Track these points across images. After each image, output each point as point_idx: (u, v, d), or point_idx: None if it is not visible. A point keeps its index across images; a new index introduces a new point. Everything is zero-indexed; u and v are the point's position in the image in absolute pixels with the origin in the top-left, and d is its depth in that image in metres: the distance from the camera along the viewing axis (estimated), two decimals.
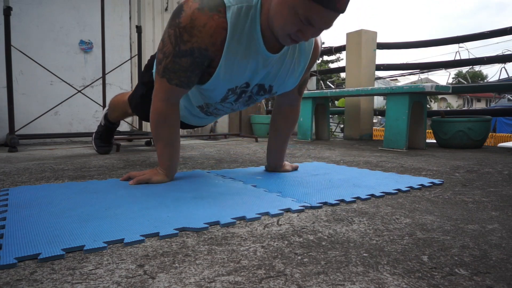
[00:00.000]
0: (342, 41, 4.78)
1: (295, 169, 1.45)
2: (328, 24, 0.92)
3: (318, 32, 0.95)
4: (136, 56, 2.76)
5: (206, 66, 1.05)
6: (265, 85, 1.17)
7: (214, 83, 1.08)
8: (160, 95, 1.08)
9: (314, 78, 4.80)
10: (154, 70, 1.37)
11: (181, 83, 1.05)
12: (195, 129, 3.78)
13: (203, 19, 0.95)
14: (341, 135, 5.07)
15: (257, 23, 0.99)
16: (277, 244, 0.64)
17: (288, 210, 0.85)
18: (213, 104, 1.24)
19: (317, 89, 5.45)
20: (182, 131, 3.60)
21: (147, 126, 3.29)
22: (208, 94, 1.17)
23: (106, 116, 1.92)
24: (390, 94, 2.52)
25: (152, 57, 1.43)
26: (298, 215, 0.82)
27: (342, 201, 0.95)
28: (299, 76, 1.20)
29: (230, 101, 1.22)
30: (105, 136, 1.99)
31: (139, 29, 2.72)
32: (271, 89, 1.20)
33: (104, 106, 2.55)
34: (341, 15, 0.92)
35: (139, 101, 1.49)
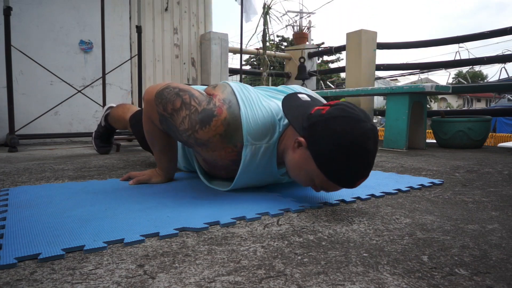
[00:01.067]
0: (342, 41, 4.78)
1: None
2: (339, 190, 0.93)
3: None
4: (136, 56, 2.76)
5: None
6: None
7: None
8: (148, 115, 1.03)
9: (314, 78, 4.80)
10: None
11: (168, 133, 1.02)
12: None
13: (218, 147, 0.92)
14: None
15: (274, 159, 0.97)
16: (277, 244, 0.64)
17: (288, 210, 0.85)
18: None
19: (317, 89, 5.45)
20: None
21: None
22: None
23: (106, 118, 1.91)
24: (390, 94, 2.52)
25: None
26: (298, 215, 0.82)
27: (342, 201, 0.95)
28: None
29: None
30: (105, 137, 1.99)
31: (139, 29, 2.72)
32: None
33: (103, 106, 2.55)
34: (339, 15, 0.91)
35: (138, 133, 1.48)
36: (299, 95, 0.96)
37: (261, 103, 0.95)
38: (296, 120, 0.87)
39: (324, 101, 1.02)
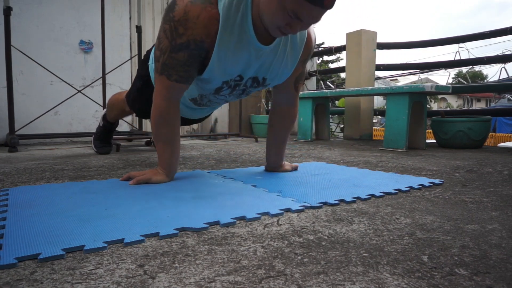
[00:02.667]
0: (342, 41, 4.78)
1: (295, 169, 1.45)
2: (315, 19, 0.94)
3: (306, 26, 0.97)
4: (136, 56, 2.76)
5: (203, 59, 1.05)
6: (258, 78, 1.18)
7: (209, 75, 1.09)
8: (161, 93, 1.08)
9: (314, 78, 4.80)
10: (150, 63, 1.37)
11: (181, 78, 1.06)
12: (195, 128, 3.79)
13: (197, 11, 0.97)
14: (341, 135, 5.07)
15: (248, 16, 1.01)
16: (277, 244, 0.64)
17: (288, 210, 0.85)
18: (207, 95, 1.25)
19: (317, 89, 5.45)
20: (182, 131, 3.60)
21: (147, 126, 3.30)
22: (203, 85, 1.18)
23: (104, 117, 1.92)
24: (390, 94, 2.52)
25: (148, 52, 1.43)
26: (298, 215, 0.82)
27: (342, 201, 0.95)
28: (292, 68, 1.21)
29: (224, 94, 1.23)
30: (104, 137, 1.99)
31: (139, 29, 2.72)
32: (264, 81, 1.21)
33: (104, 106, 2.55)
34: (339, 15, 0.94)
35: (136, 95, 1.49)
36: None
37: None
38: None
39: None
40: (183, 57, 1.02)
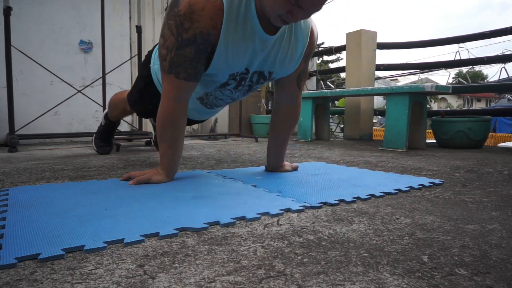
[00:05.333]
0: (342, 41, 4.78)
1: (295, 169, 1.44)
2: (316, 7, 0.94)
3: (308, 15, 0.97)
4: (136, 56, 2.76)
5: (209, 53, 1.05)
6: (264, 72, 1.18)
7: (215, 69, 1.09)
8: (169, 93, 1.08)
9: (314, 78, 4.80)
10: (152, 65, 1.37)
11: (189, 76, 1.05)
12: (195, 128, 3.79)
13: (201, 3, 0.97)
14: (341, 135, 5.07)
15: (252, 5, 1.01)
16: (277, 244, 0.64)
17: (288, 210, 0.85)
18: (212, 93, 1.24)
19: (317, 89, 5.45)
20: None
21: (147, 126, 3.30)
22: (209, 81, 1.17)
23: (106, 116, 1.92)
24: (390, 94, 2.52)
25: (149, 53, 1.43)
26: (298, 215, 0.82)
27: (342, 201, 0.95)
28: (299, 59, 1.21)
29: (230, 88, 1.22)
30: (105, 136, 1.99)
31: (139, 29, 2.72)
32: (270, 75, 1.20)
33: (104, 106, 2.55)
34: (339, 15, 0.94)
35: (137, 95, 1.49)
36: None
37: None
38: None
39: None
40: (190, 53, 1.01)
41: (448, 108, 16.25)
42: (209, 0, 0.97)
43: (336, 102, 5.78)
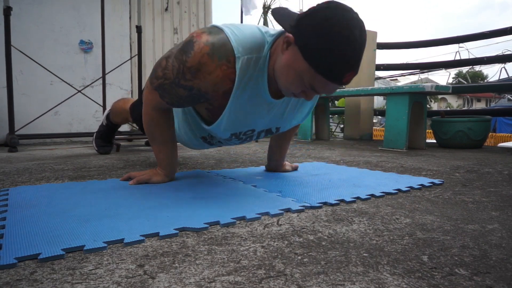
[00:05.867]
0: None
1: (295, 169, 1.44)
2: (331, 92, 0.90)
3: (320, 94, 0.94)
4: (136, 56, 2.76)
5: (201, 102, 1.01)
6: (271, 129, 1.16)
7: (217, 128, 1.05)
8: (151, 103, 1.05)
9: None
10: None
11: (172, 104, 1.02)
12: None
13: (211, 67, 0.90)
14: (341, 135, 5.07)
15: (265, 74, 0.96)
16: (277, 244, 0.64)
17: (288, 210, 0.85)
18: (217, 137, 1.19)
19: None
20: None
21: None
22: (211, 132, 1.13)
23: (108, 117, 1.92)
24: (390, 94, 2.52)
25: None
26: (298, 215, 0.82)
27: (342, 201, 0.95)
28: (308, 113, 1.21)
29: (234, 142, 1.20)
30: (106, 136, 1.99)
31: (139, 29, 2.72)
32: (277, 130, 1.18)
33: (104, 106, 2.55)
34: None
35: (139, 118, 1.48)
36: (288, 8, 0.97)
37: (245, 26, 0.97)
38: (284, 19, 0.87)
39: None
40: (182, 93, 0.96)
41: (448, 108, 16.25)
42: (220, 66, 0.90)
43: (336, 102, 5.78)
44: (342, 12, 0.79)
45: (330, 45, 0.78)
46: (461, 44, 3.85)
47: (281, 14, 0.90)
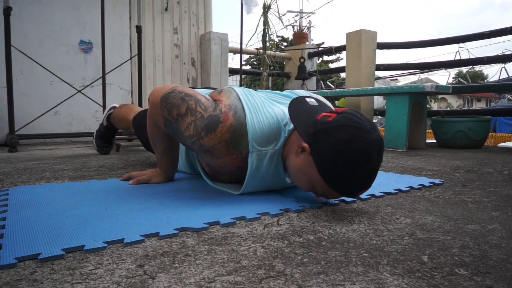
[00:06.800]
0: (342, 41, 4.78)
1: None
2: (338, 198, 0.91)
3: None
4: (136, 56, 2.76)
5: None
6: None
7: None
8: (153, 119, 1.02)
9: (314, 78, 4.80)
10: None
11: (173, 136, 1.01)
12: None
13: (223, 153, 0.92)
14: None
15: (280, 165, 0.96)
16: (277, 244, 0.64)
17: (288, 210, 0.85)
18: None
19: (317, 89, 5.45)
20: None
21: None
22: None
23: (109, 118, 1.90)
24: (390, 94, 2.52)
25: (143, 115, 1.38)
26: (298, 215, 0.82)
27: (342, 201, 0.95)
28: None
29: None
30: (107, 136, 1.99)
31: (139, 29, 2.72)
32: None
33: (104, 106, 2.55)
34: (339, 15, 0.91)
35: (141, 134, 1.48)
36: (307, 99, 0.95)
37: (266, 109, 0.94)
38: (301, 125, 0.86)
39: (332, 107, 1.01)
40: (185, 140, 0.95)
41: (448, 108, 16.25)
42: (231, 155, 0.92)
43: (336, 102, 5.78)
44: (363, 133, 0.77)
45: (347, 167, 0.77)
46: (461, 44, 3.85)
47: (297, 115, 0.88)
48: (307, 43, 4.81)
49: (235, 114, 0.91)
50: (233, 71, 4.15)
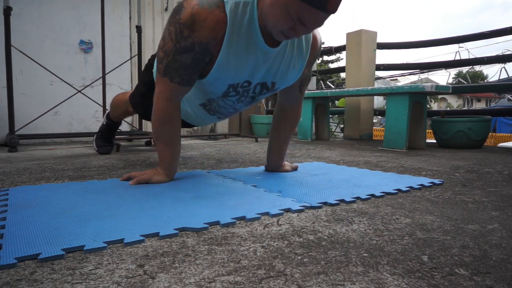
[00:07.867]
0: (342, 41, 4.78)
1: (295, 169, 1.45)
2: (318, 24, 0.94)
3: (310, 31, 0.97)
4: (136, 56, 2.76)
5: (207, 62, 1.05)
6: (267, 83, 1.18)
7: (214, 76, 1.09)
8: (163, 94, 1.08)
9: (314, 78, 4.80)
10: (154, 69, 1.38)
11: (183, 81, 1.06)
12: (195, 128, 3.78)
13: (204, 14, 0.97)
14: (341, 135, 5.07)
15: (255, 19, 1.01)
16: (277, 244, 0.64)
17: (288, 210, 0.85)
18: (215, 99, 1.24)
19: (317, 89, 5.45)
20: (183, 131, 3.60)
21: (147, 126, 3.29)
22: (209, 89, 1.17)
23: (108, 115, 1.93)
24: (390, 94, 2.52)
25: (153, 57, 1.43)
26: (298, 215, 0.82)
27: (342, 201, 0.95)
28: (301, 69, 1.21)
29: (232, 100, 1.22)
30: (107, 135, 2.00)
31: (139, 29, 2.72)
32: (273, 85, 1.20)
33: (104, 106, 2.55)
34: (339, 15, 0.94)
35: (139, 100, 1.50)
36: None
37: None
38: None
39: None
40: (186, 59, 1.02)
41: (448, 108, 16.25)
42: (212, 11, 0.98)
43: (336, 102, 5.78)
44: None
45: None
46: (461, 44, 3.85)
47: None
48: None
49: None
50: None
